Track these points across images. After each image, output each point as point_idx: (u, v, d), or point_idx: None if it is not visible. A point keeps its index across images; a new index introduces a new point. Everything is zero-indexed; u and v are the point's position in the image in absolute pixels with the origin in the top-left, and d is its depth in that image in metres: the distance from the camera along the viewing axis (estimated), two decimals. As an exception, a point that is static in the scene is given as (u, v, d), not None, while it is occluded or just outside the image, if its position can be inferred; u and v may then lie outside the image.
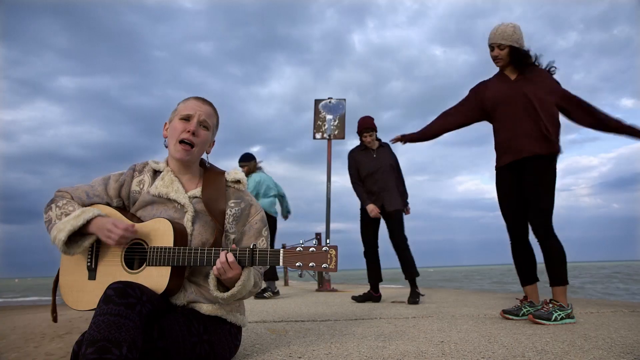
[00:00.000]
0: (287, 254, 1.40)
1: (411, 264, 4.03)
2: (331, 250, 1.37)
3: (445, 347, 1.82)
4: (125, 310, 1.20)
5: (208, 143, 1.68)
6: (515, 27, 2.78)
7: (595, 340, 1.90)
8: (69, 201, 1.53)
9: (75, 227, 1.42)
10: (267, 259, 1.42)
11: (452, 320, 2.68)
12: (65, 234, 1.42)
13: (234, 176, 1.69)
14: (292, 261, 1.38)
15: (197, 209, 1.59)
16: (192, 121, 1.59)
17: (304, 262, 1.37)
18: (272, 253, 1.41)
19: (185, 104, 1.63)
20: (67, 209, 1.49)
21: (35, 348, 3.08)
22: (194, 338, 1.43)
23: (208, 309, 1.52)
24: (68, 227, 1.42)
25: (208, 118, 1.63)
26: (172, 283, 1.45)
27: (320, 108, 7.49)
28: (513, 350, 1.73)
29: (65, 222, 1.44)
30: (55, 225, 1.45)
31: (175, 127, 1.61)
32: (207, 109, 1.64)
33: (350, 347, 1.86)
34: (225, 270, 1.41)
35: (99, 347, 1.12)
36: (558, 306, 2.49)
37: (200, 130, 1.61)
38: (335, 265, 1.37)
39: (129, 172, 1.66)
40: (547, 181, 2.66)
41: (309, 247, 1.39)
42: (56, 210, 1.49)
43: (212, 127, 1.67)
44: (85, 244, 1.48)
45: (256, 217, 1.69)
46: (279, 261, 1.40)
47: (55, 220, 1.47)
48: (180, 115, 1.61)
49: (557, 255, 2.60)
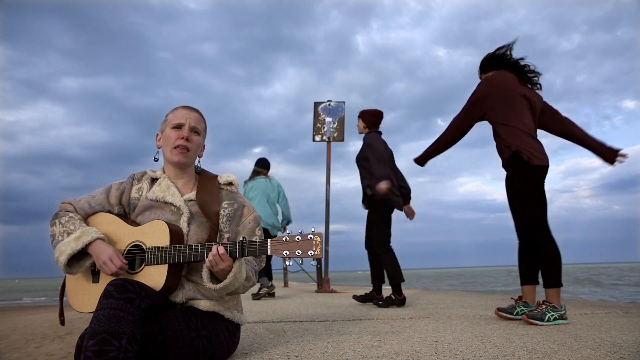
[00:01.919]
0: (274, 243, 1.45)
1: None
2: (316, 237, 1.42)
3: (439, 347, 1.87)
4: (125, 304, 1.27)
5: (200, 147, 1.79)
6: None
7: (585, 340, 1.95)
8: (71, 218, 1.62)
9: (75, 250, 1.52)
10: (255, 249, 1.47)
11: (448, 321, 2.72)
12: (65, 257, 1.51)
13: (226, 179, 1.80)
14: (279, 249, 1.43)
15: (193, 211, 1.68)
16: (184, 128, 1.71)
17: (290, 250, 1.42)
18: (260, 243, 1.47)
19: (175, 114, 1.74)
20: (69, 227, 1.59)
21: (36, 348, 3.12)
22: (192, 333, 1.49)
23: (206, 305, 1.59)
24: (68, 250, 1.52)
25: (198, 124, 1.75)
26: (170, 280, 1.52)
27: (319, 110, 7.54)
28: (504, 350, 1.77)
29: (66, 244, 1.53)
30: (57, 246, 1.55)
31: (168, 136, 1.72)
32: (195, 115, 1.76)
33: (346, 347, 1.91)
34: (217, 262, 1.47)
35: (99, 339, 1.18)
36: (551, 307, 2.54)
37: (192, 135, 1.73)
38: (320, 251, 1.41)
39: (129, 180, 1.77)
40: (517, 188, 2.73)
41: (294, 235, 1.44)
42: (59, 227, 1.59)
43: (202, 131, 1.79)
44: (86, 264, 1.58)
45: (249, 217, 1.78)
46: (266, 250, 1.45)
47: (58, 237, 1.58)
48: (172, 125, 1.72)
49: (552, 259, 2.64)
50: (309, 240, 1.42)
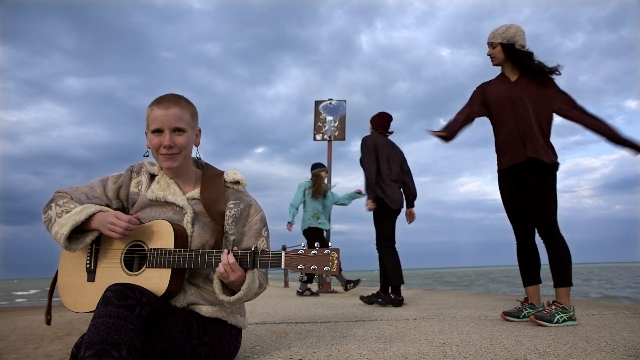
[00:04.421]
0: (288, 257, 1.39)
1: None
2: (333, 253, 1.37)
3: (447, 349, 1.81)
4: (125, 312, 1.19)
5: (190, 142, 1.59)
6: (510, 26, 2.77)
7: (598, 343, 1.89)
8: (69, 200, 1.52)
9: (78, 221, 1.41)
10: (268, 262, 1.41)
11: (453, 322, 2.66)
12: (67, 229, 1.40)
13: (232, 177, 1.67)
14: (294, 264, 1.38)
15: (196, 211, 1.58)
16: (165, 134, 1.52)
17: (305, 264, 1.37)
18: (274, 255, 1.41)
19: (153, 114, 1.53)
20: (68, 206, 1.48)
21: (35, 349, 3.07)
22: (194, 340, 1.42)
23: (208, 310, 1.51)
24: (70, 222, 1.41)
25: (179, 122, 1.53)
26: (173, 285, 1.44)
27: (320, 109, 7.49)
28: (515, 353, 1.72)
29: (68, 218, 1.43)
30: (57, 221, 1.44)
31: (151, 141, 1.55)
32: (174, 112, 1.52)
33: (351, 349, 1.85)
34: (228, 273, 1.39)
35: (97, 350, 1.11)
36: (561, 308, 2.48)
37: (175, 138, 1.53)
38: (337, 268, 1.37)
39: (127, 173, 1.65)
40: (547, 183, 2.65)
41: (310, 249, 1.38)
42: (56, 209, 1.47)
43: (187, 123, 1.56)
44: (87, 240, 1.47)
45: (256, 218, 1.67)
46: (280, 264, 1.39)
47: (55, 218, 1.46)
48: (152, 129, 1.53)
49: (563, 256, 2.59)
50: (326, 256, 1.36)
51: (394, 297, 3.83)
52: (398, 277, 3.88)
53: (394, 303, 3.81)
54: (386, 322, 2.76)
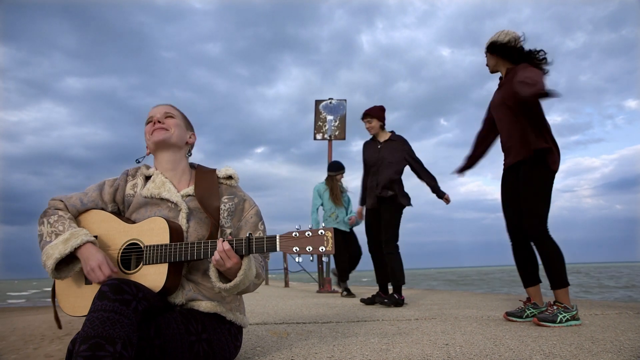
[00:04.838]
0: (283, 239, 1.37)
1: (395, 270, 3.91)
2: (327, 233, 1.35)
3: (451, 350, 1.79)
4: (120, 306, 1.18)
5: (180, 130, 1.70)
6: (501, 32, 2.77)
7: (604, 343, 1.87)
8: (60, 217, 1.51)
9: (63, 255, 1.41)
10: (263, 246, 1.39)
11: (456, 322, 2.64)
12: (53, 262, 1.40)
13: (225, 172, 1.71)
14: (289, 246, 1.36)
15: (191, 207, 1.60)
16: (155, 117, 1.68)
17: (300, 246, 1.35)
18: (269, 239, 1.39)
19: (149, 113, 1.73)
20: (58, 228, 1.48)
21: (34, 349, 3.05)
22: (192, 337, 1.41)
23: (207, 306, 1.50)
24: (55, 254, 1.41)
25: (169, 110, 1.72)
26: (170, 281, 1.43)
27: (320, 109, 7.47)
28: (520, 354, 1.70)
29: (54, 247, 1.42)
30: (45, 249, 1.44)
31: (146, 131, 1.71)
32: (165, 107, 1.73)
33: (353, 350, 1.83)
34: (224, 259, 1.38)
35: (92, 344, 1.10)
36: (563, 308, 2.46)
37: (166, 119, 1.68)
38: (332, 247, 1.34)
39: (123, 176, 1.68)
40: (535, 183, 2.60)
41: (304, 231, 1.36)
42: (47, 227, 1.49)
43: (177, 115, 1.73)
44: (75, 268, 1.47)
45: (251, 212, 1.69)
46: (275, 247, 1.37)
47: (46, 237, 1.47)
48: (146, 121, 1.71)
49: (554, 258, 2.54)
50: (320, 236, 1.34)
51: (397, 296, 3.84)
52: (403, 277, 3.91)
53: (398, 303, 3.81)
54: (388, 322, 2.74)
